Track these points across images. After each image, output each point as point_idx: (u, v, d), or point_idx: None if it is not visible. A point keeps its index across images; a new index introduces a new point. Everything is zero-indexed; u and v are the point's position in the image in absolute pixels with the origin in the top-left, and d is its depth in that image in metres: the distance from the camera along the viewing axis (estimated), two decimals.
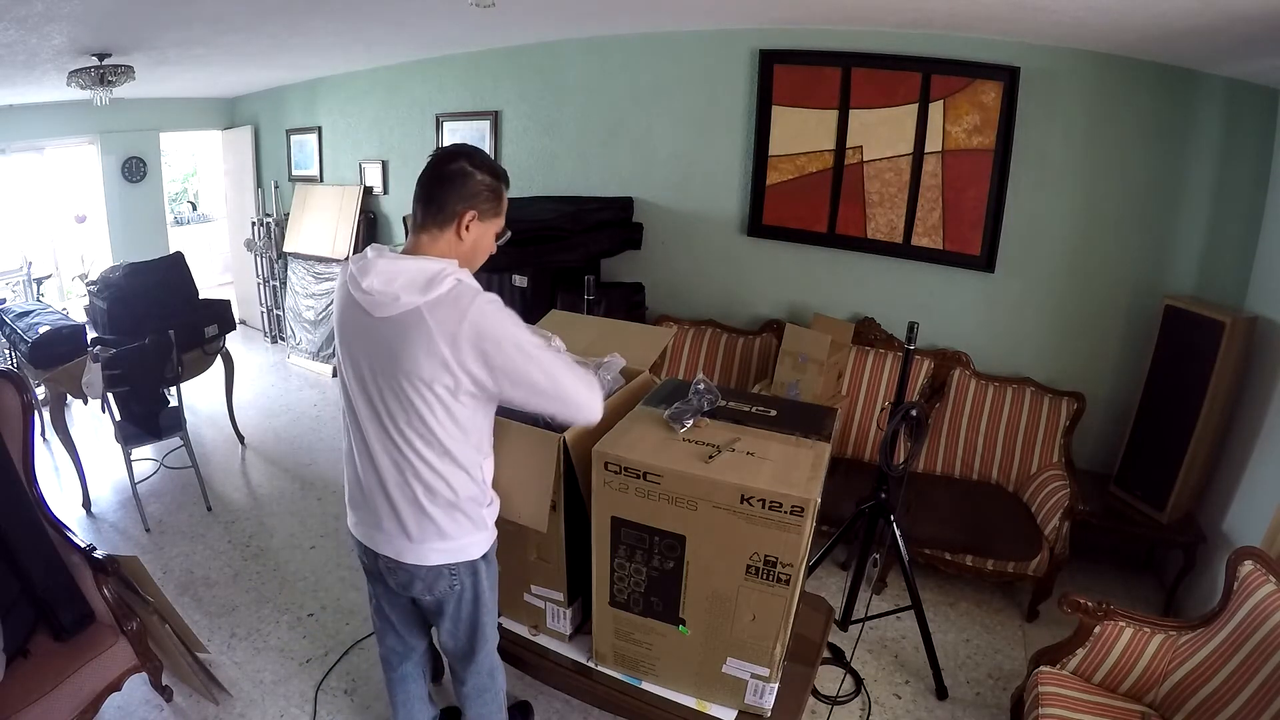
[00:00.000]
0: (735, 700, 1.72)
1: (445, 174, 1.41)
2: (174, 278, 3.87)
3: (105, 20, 2.84)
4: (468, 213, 1.42)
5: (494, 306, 1.39)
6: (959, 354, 3.33)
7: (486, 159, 1.47)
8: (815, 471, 1.53)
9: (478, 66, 4.36)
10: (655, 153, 3.89)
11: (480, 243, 1.48)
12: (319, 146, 5.45)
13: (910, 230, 3.34)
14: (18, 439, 2.07)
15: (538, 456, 1.66)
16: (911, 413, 2.25)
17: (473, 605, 1.61)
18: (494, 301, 1.40)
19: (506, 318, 1.40)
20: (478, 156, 1.45)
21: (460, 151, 1.45)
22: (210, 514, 3.40)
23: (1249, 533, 2.39)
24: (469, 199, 1.41)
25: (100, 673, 1.95)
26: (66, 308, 4.51)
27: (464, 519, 1.52)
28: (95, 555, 2.02)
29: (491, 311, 1.37)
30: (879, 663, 2.55)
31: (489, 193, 1.44)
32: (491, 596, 1.65)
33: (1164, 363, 2.82)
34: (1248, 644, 1.72)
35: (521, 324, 1.44)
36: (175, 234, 6.55)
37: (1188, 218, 2.90)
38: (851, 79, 3.29)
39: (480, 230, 1.45)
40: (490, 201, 1.45)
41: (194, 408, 4.21)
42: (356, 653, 2.51)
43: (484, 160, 1.45)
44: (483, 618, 1.65)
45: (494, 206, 1.46)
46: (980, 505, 2.94)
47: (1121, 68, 2.86)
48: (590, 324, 2.39)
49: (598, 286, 3.62)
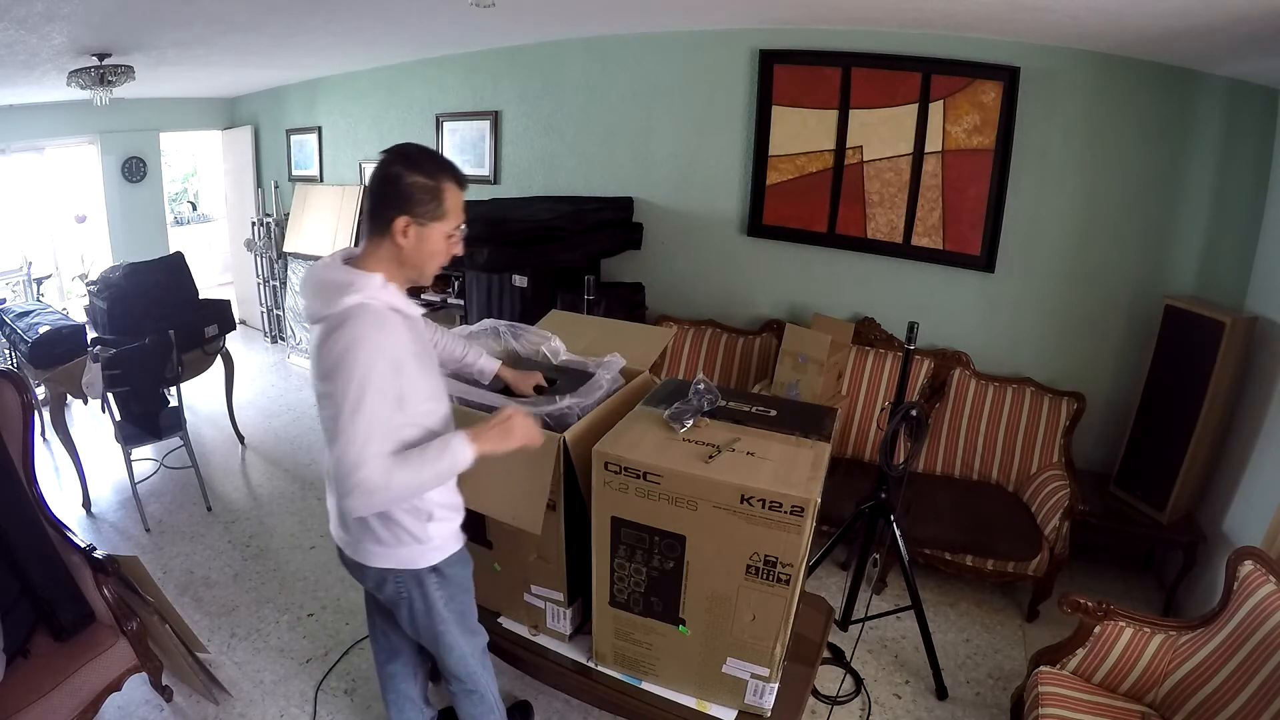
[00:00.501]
0: (735, 700, 1.72)
1: (379, 180, 1.36)
2: (174, 278, 3.87)
3: (105, 20, 2.84)
4: (400, 219, 1.34)
5: (366, 342, 1.28)
6: (959, 354, 3.33)
7: (425, 158, 1.36)
8: (815, 471, 1.53)
9: (478, 66, 4.36)
10: (655, 153, 3.90)
11: (425, 248, 1.38)
12: (319, 146, 5.45)
13: (910, 230, 3.34)
14: (18, 439, 2.07)
15: (533, 457, 1.66)
16: (911, 413, 2.25)
17: (426, 616, 1.58)
18: (373, 341, 1.28)
19: (373, 357, 1.28)
20: (415, 156, 1.35)
21: (398, 153, 1.36)
22: (210, 514, 3.40)
23: (1249, 533, 2.39)
24: (402, 205, 1.34)
25: (100, 673, 1.95)
26: (66, 308, 4.51)
27: (400, 529, 1.48)
28: (95, 555, 2.02)
29: (362, 344, 1.28)
30: (879, 663, 2.55)
31: (425, 195, 1.34)
32: (449, 610, 1.60)
33: (1164, 363, 2.82)
34: (1248, 644, 1.72)
35: (390, 371, 1.30)
36: (175, 234, 6.55)
37: (1188, 218, 2.90)
38: (851, 79, 3.29)
39: (421, 234, 1.36)
40: (429, 204, 1.35)
41: (194, 408, 4.21)
42: (356, 653, 2.51)
43: (421, 159, 1.35)
44: (438, 627, 1.60)
45: (433, 208, 1.36)
46: (980, 505, 2.94)
47: (1121, 68, 2.86)
48: (590, 324, 2.39)
49: (598, 286, 3.61)
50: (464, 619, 1.66)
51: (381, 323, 1.32)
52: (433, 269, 1.44)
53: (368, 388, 1.27)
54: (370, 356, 1.28)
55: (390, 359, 1.32)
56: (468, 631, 1.68)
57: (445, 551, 1.56)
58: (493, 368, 1.93)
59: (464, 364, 1.91)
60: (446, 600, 1.59)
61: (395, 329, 1.35)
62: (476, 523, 1.88)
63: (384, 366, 1.30)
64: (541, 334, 2.11)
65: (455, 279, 4.45)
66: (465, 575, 1.65)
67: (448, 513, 1.56)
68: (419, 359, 1.43)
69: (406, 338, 1.39)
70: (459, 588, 1.62)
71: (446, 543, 1.56)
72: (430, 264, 1.42)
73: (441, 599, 1.58)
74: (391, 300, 1.37)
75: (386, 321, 1.34)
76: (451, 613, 1.61)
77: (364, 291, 1.33)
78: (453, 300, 4.49)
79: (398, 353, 1.34)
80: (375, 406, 1.28)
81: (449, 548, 1.57)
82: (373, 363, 1.28)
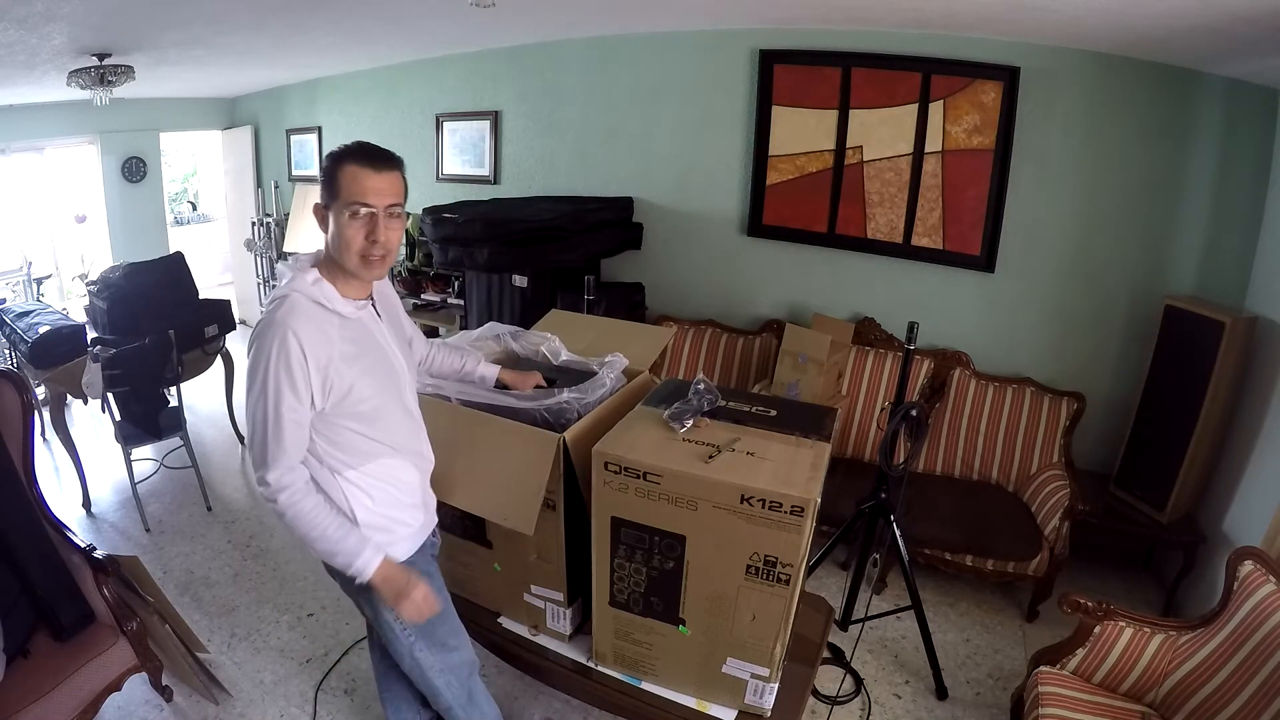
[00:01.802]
0: (735, 700, 1.72)
1: None
2: (174, 278, 3.87)
3: (105, 20, 2.84)
4: (316, 205, 1.41)
5: (274, 329, 1.30)
6: (959, 354, 3.33)
7: (342, 146, 1.39)
8: (815, 471, 1.53)
9: (478, 66, 4.36)
10: (655, 153, 3.89)
11: (336, 230, 1.37)
12: (319, 146, 5.45)
13: (910, 230, 3.34)
14: (18, 439, 2.07)
15: (529, 456, 1.65)
16: (911, 413, 2.25)
17: (376, 621, 1.56)
18: (281, 339, 1.30)
19: (273, 355, 1.29)
20: (339, 147, 1.40)
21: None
22: (210, 514, 3.40)
23: (1249, 533, 2.39)
24: (320, 194, 1.40)
25: (100, 673, 1.95)
26: (66, 308, 4.52)
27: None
28: (95, 555, 2.02)
29: (270, 330, 1.31)
30: (879, 663, 2.55)
31: (324, 179, 1.38)
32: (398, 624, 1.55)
33: (1164, 363, 2.82)
34: (1248, 644, 1.73)
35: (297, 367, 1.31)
36: (175, 234, 6.55)
37: (1188, 218, 2.90)
38: (851, 79, 3.29)
39: (327, 217, 1.39)
40: (327, 187, 1.37)
41: (194, 408, 4.21)
42: (356, 653, 2.51)
43: (339, 148, 1.39)
44: (386, 634, 1.57)
45: (330, 190, 1.37)
46: (980, 505, 2.94)
47: (1121, 68, 2.86)
48: (590, 324, 2.39)
49: (598, 286, 3.62)
50: (428, 633, 1.60)
51: (296, 314, 1.32)
52: (349, 254, 1.37)
53: (269, 380, 1.31)
54: (274, 346, 1.30)
55: (299, 352, 1.30)
56: (435, 646, 1.62)
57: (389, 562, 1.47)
58: (493, 373, 1.92)
59: (464, 374, 1.91)
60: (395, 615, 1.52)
61: (314, 323, 1.34)
62: (477, 523, 1.89)
63: (289, 360, 1.30)
64: (541, 335, 2.12)
65: (455, 279, 4.45)
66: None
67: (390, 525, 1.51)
68: (352, 359, 1.39)
69: (334, 334, 1.37)
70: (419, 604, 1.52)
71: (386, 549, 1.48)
72: (345, 245, 1.36)
73: (390, 612, 1.52)
74: (318, 295, 1.36)
75: (303, 314, 1.33)
76: (410, 628, 1.56)
77: (290, 284, 1.36)
78: (453, 300, 4.49)
79: (314, 346, 1.32)
80: (279, 399, 1.31)
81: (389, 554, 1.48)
82: (275, 353, 1.30)
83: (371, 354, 1.46)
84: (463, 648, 1.71)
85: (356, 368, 1.40)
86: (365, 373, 1.42)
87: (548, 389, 1.90)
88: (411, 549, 1.59)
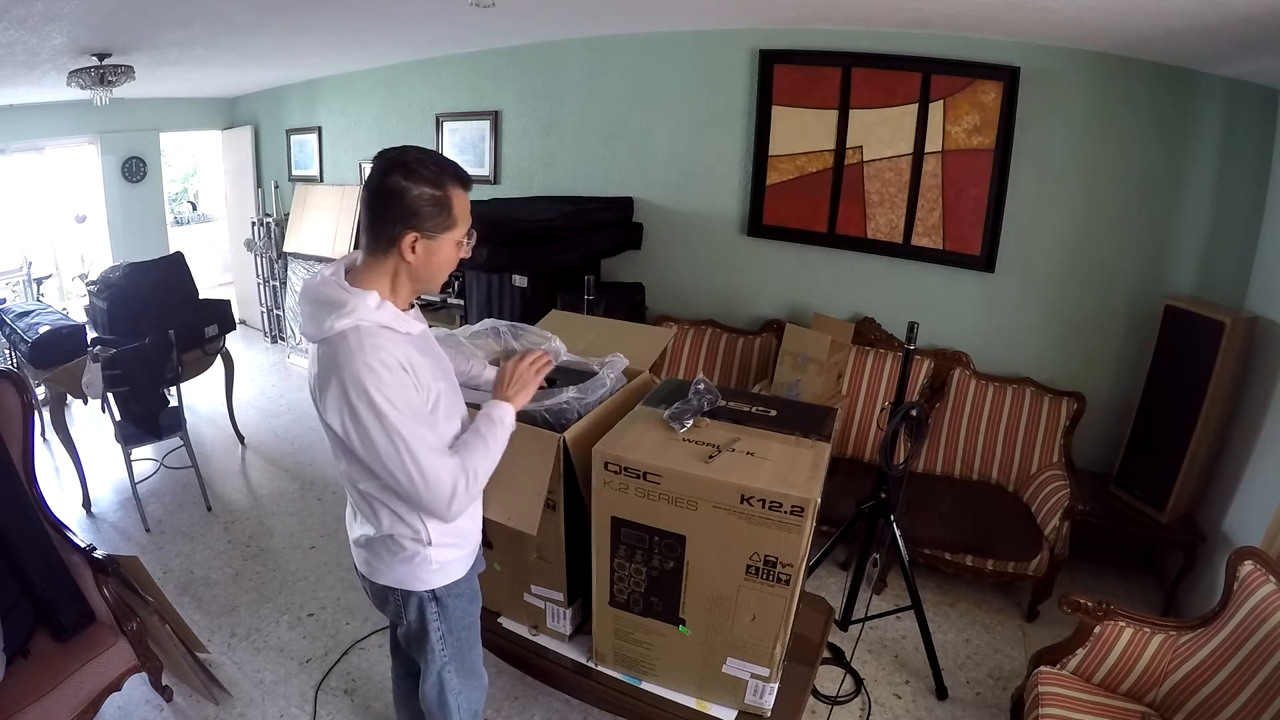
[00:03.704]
0: (735, 700, 1.72)
1: (380, 192, 1.26)
2: (174, 278, 3.87)
3: (105, 20, 2.84)
4: (407, 235, 1.26)
5: (366, 373, 1.22)
6: (959, 354, 3.33)
7: (429, 164, 1.27)
8: (815, 471, 1.53)
9: (478, 66, 4.36)
10: (655, 153, 3.89)
11: (434, 259, 1.32)
12: (319, 146, 5.45)
13: (910, 230, 3.34)
14: (18, 439, 2.07)
15: (530, 456, 1.65)
16: (911, 413, 2.25)
17: (420, 638, 1.52)
18: (371, 366, 1.22)
19: (379, 382, 1.22)
20: (414, 165, 1.25)
21: (396, 162, 1.26)
22: (210, 514, 3.40)
23: (1249, 533, 2.39)
24: (408, 220, 1.25)
25: (100, 673, 1.95)
26: (66, 308, 4.51)
27: (399, 550, 1.42)
28: (95, 555, 2.02)
29: (363, 376, 1.22)
30: (879, 663, 2.55)
31: (432, 207, 1.26)
32: (444, 644, 1.52)
33: (1164, 363, 2.82)
34: (1248, 644, 1.73)
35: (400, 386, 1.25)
36: (175, 234, 6.55)
37: (1188, 218, 2.90)
38: (851, 79, 3.28)
39: (430, 248, 1.29)
40: (436, 216, 1.27)
41: (194, 408, 4.21)
42: (356, 653, 2.51)
43: (423, 166, 1.26)
44: (427, 656, 1.54)
45: (442, 220, 1.28)
46: (980, 505, 2.94)
47: (1121, 67, 2.86)
48: (590, 324, 2.39)
49: (598, 286, 3.61)
50: (460, 657, 1.57)
51: (376, 344, 1.25)
52: (441, 278, 1.38)
53: (389, 414, 1.23)
54: (376, 383, 1.22)
55: (398, 373, 1.26)
56: (464, 672, 1.59)
57: (447, 577, 1.48)
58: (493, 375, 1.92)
59: (470, 378, 1.91)
60: (444, 633, 1.51)
61: (391, 345, 1.27)
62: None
63: (394, 383, 1.24)
64: (542, 334, 2.11)
65: (455, 279, 4.44)
66: (469, 610, 1.56)
67: (455, 541, 1.48)
68: (434, 373, 1.37)
69: (411, 352, 1.32)
70: (459, 622, 1.53)
71: (447, 567, 1.47)
72: (438, 273, 1.35)
73: (437, 630, 1.50)
74: (385, 320, 1.29)
75: (381, 341, 1.26)
76: (449, 647, 1.54)
77: (355, 314, 1.25)
78: (453, 300, 4.49)
79: (402, 363, 1.27)
80: (408, 426, 1.24)
81: (451, 573, 1.49)
82: (380, 386, 1.22)
83: (440, 364, 1.45)
84: (484, 677, 1.69)
85: (441, 381, 1.39)
86: (441, 379, 1.40)
87: (548, 389, 1.90)
88: (469, 564, 1.56)
